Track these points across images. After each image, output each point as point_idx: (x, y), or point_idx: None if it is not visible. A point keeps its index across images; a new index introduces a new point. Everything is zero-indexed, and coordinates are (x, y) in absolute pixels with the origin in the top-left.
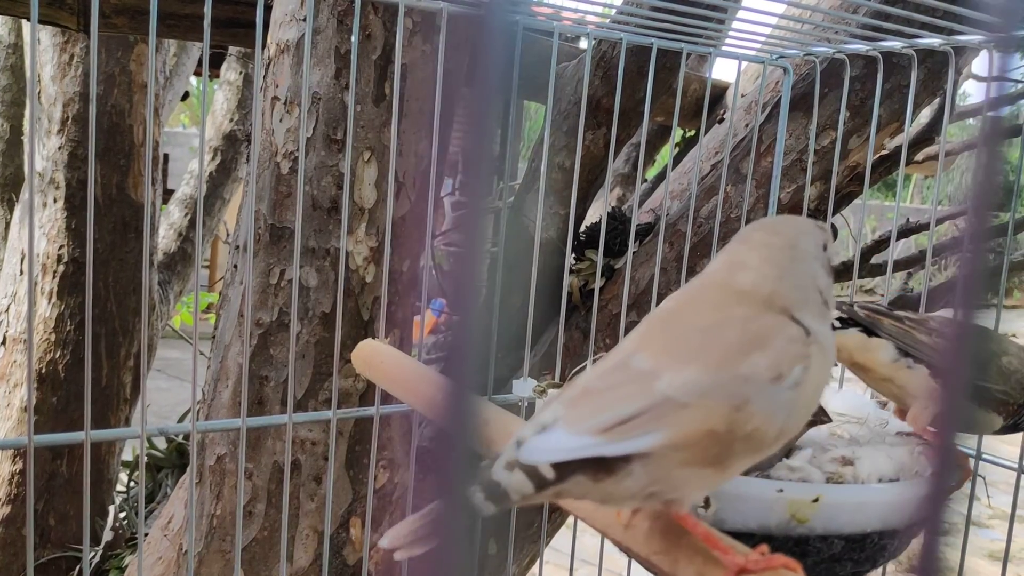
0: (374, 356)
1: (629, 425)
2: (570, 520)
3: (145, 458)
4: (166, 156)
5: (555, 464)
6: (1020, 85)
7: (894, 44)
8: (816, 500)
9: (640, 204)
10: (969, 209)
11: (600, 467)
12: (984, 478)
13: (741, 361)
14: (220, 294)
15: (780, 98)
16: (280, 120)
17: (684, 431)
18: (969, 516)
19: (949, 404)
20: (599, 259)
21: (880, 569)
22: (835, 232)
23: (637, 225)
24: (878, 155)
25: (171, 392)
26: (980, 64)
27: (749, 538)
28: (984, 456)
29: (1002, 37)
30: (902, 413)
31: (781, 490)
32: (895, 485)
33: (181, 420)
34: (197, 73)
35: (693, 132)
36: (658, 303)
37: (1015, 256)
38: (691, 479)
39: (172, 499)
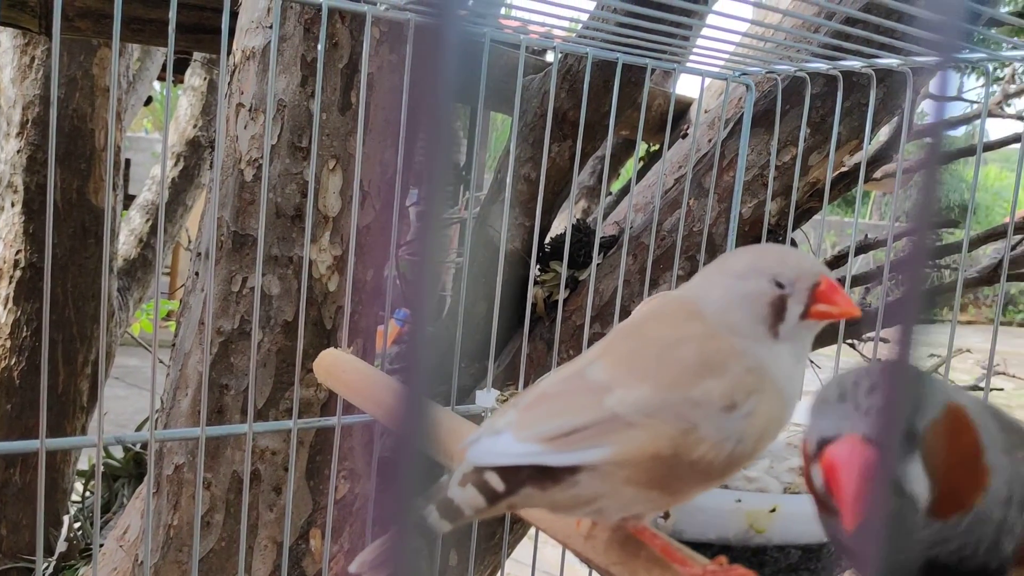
0: (336, 366)
1: (575, 437)
2: (531, 531)
3: (102, 467)
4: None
5: (503, 474)
6: (976, 106)
7: (854, 63)
8: (773, 510)
9: (604, 217)
10: (908, 230)
11: (547, 476)
12: None
13: (694, 385)
14: (181, 301)
15: (742, 114)
16: (245, 127)
17: (628, 450)
18: None
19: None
20: (563, 271)
21: None
22: (795, 247)
23: (601, 237)
24: (838, 172)
25: (129, 400)
26: (936, 84)
27: (708, 548)
28: None
29: (942, 58)
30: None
31: (739, 500)
32: None
33: (139, 429)
34: (161, 78)
35: (657, 146)
36: (621, 315)
37: (969, 273)
38: (637, 499)
39: (128, 509)
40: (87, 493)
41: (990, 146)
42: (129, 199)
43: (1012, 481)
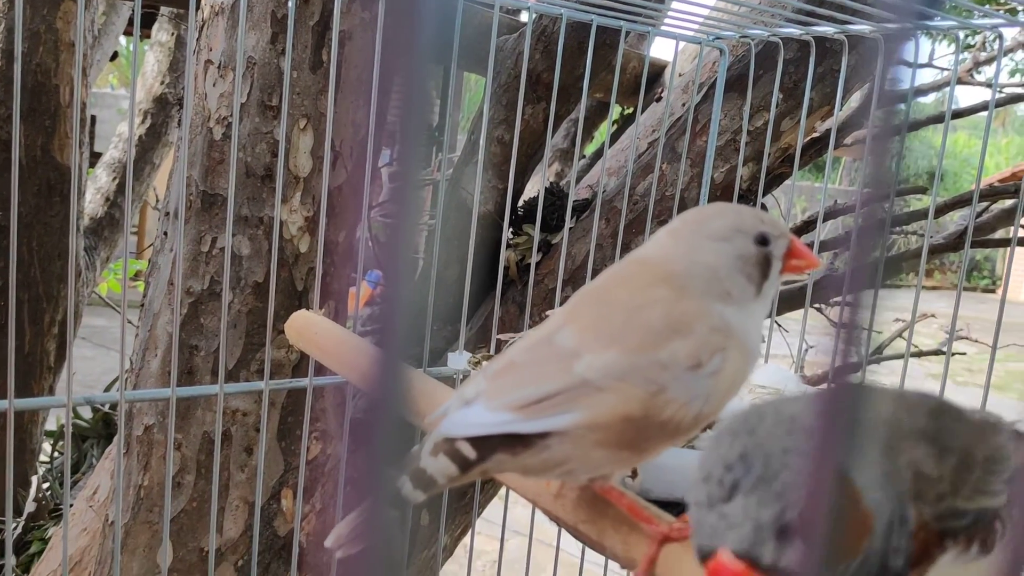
0: (308, 327)
1: (545, 404)
2: (502, 491)
3: (70, 431)
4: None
5: (475, 442)
6: (946, 73)
7: (826, 29)
8: None
9: (578, 180)
10: (858, 201)
11: (518, 441)
12: None
13: (661, 347)
14: (149, 261)
15: (716, 79)
16: (213, 84)
17: (599, 414)
18: None
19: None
20: (536, 234)
21: None
22: (766, 212)
23: (574, 201)
24: (809, 137)
25: (96, 361)
26: (910, 51)
27: (675, 507)
28: None
29: (901, 25)
30: None
31: None
32: None
33: (108, 389)
34: (127, 33)
35: (631, 110)
36: (593, 279)
37: (935, 239)
38: (607, 460)
39: (98, 470)
40: (55, 454)
41: (959, 113)
42: (95, 156)
43: (893, 505)
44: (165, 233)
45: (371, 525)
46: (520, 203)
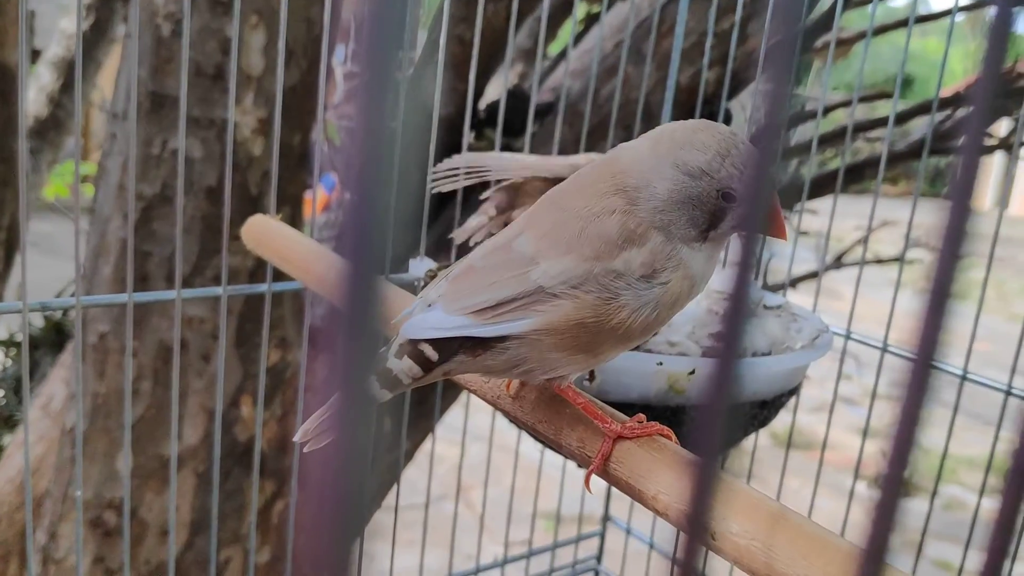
0: (265, 232)
1: (502, 309)
2: (463, 397)
3: (27, 335)
4: (32, 13)
5: (436, 344)
6: None
7: None
8: (692, 373)
9: (541, 82)
10: (760, 132)
11: (478, 344)
12: (856, 358)
13: (616, 255)
14: (98, 164)
15: None
16: None
17: (553, 320)
18: (836, 393)
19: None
20: (498, 138)
21: (752, 436)
22: (730, 118)
23: (537, 104)
24: (774, 41)
25: (45, 268)
26: None
27: (630, 408)
28: (852, 335)
29: None
30: None
31: (660, 363)
32: (767, 359)
33: (60, 296)
34: None
35: (597, 9)
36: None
37: (898, 145)
38: (562, 362)
39: (51, 378)
40: (8, 361)
41: (926, 17)
42: (35, 54)
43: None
44: (113, 135)
45: (343, 419)
46: (481, 106)
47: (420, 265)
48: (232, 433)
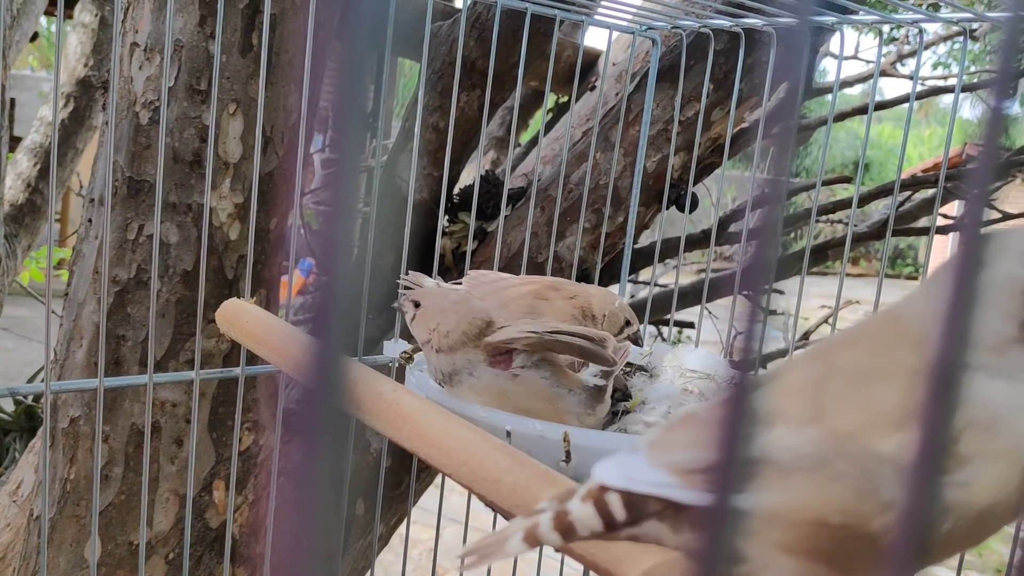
0: (239, 316)
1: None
2: (438, 479)
3: None
4: (12, 101)
5: (627, 499)
6: (870, 65)
7: (755, 21)
8: None
9: (513, 168)
10: (761, 200)
11: (680, 512)
12: None
13: (888, 434)
14: (73, 249)
15: (648, 69)
16: (140, 67)
17: (779, 504)
18: None
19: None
20: (472, 222)
21: None
22: (696, 202)
23: (509, 189)
24: (738, 128)
25: (18, 352)
26: (836, 43)
27: None
28: None
29: (798, 19)
30: None
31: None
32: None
33: (31, 381)
34: (48, 13)
35: (566, 98)
36: (528, 267)
37: (859, 227)
38: (798, 572)
39: (21, 464)
40: None
41: (883, 105)
42: (15, 141)
43: None
44: (90, 220)
45: (307, 514)
46: (455, 191)
47: (394, 347)
48: (204, 519)
